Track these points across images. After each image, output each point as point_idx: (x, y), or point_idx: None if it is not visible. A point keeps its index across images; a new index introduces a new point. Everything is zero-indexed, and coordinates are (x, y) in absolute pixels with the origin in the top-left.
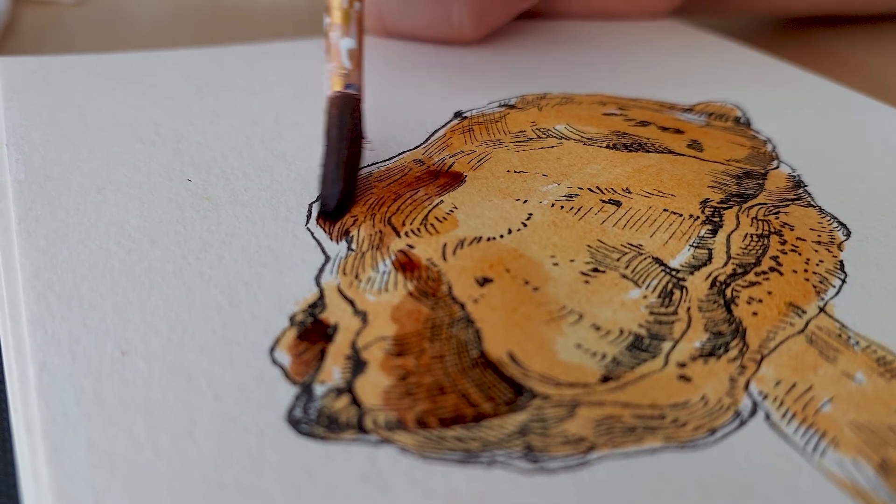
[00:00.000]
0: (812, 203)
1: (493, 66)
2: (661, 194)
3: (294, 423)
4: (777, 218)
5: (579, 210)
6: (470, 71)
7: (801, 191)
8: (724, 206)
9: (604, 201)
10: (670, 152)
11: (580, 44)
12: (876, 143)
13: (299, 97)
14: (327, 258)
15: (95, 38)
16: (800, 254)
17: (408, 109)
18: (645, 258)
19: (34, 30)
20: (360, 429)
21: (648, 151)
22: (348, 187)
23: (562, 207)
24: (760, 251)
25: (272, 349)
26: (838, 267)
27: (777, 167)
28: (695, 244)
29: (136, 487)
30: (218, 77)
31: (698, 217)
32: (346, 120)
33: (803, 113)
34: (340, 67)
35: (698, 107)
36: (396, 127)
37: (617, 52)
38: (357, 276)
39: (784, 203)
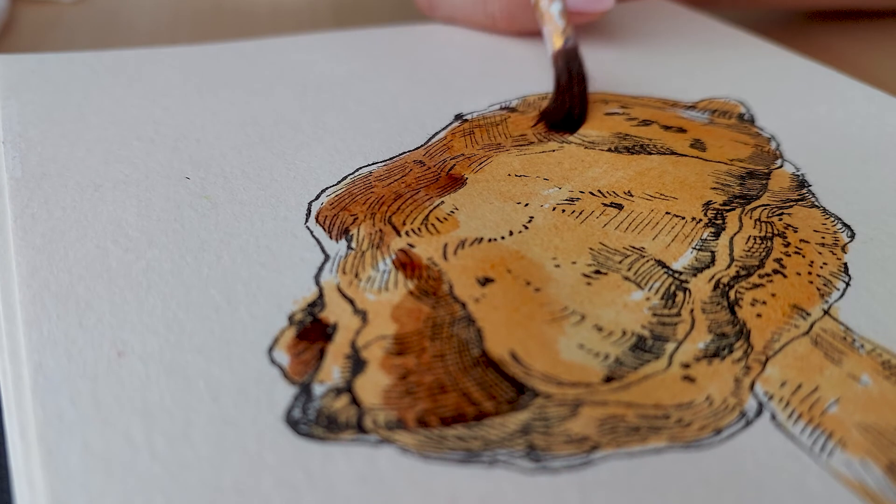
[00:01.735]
0: (816, 204)
1: (494, 63)
2: (663, 197)
3: (293, 423)
4: (780, 219)
5: (581, 213)
6: (472, 70)
7: (804, 191)
8: (727, 207)
9: (605, 205)
10: (673, 153)
11: (583, 33)
12: (882, 139)
13: (299, 95)
14: (327, 257)
15: (94, 38)
16: (803, 256)
17: (408, 110)
18: (647, 261)
19: (33, 29)
20: (360, 429)
21: (650, 153)
22: (581, 116)
23: (563, 211)
24: (764, 253)
25: (271, 349)
26: (842, 269)
27: (781, 166)
28: (697, 247)
29: (133, 491)
30: (217, 74)
31: (701, 220)
32: (573, 67)
33: (810, 106)
34: (556, 28)
35: (701, 104)
36: (396, 128)
37: (619, 42)
38: (357, 275)
39: (787, 204)
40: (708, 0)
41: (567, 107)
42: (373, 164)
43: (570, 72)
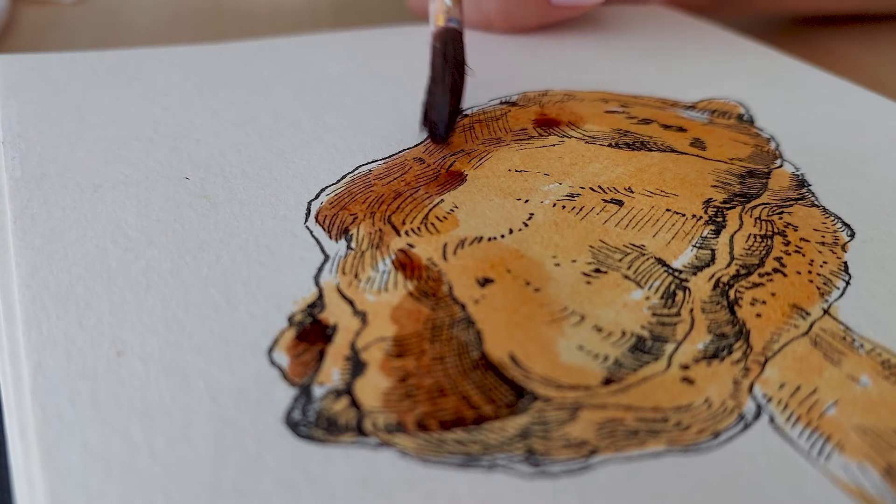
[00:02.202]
0: (816, 203)
1: (494, 60)
2: (663, 194)
3: (292, 425)
4: (780, 218)
5: (581, 210)
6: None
7: (804, 190)
8: (728, 206)
9: (606, 201)
10: (673, 151)
11: (582, 35)
12: (881, 140)
13: (298, 94)
14: (326, 257)
15: (94, 38)
16: (803, 255)
17: (407, 107)
18: (647, 259)
19: (33, 29)
20: (360, 431)
21: (651, 150)
22: (454, 111)
23: (563, 207)
24: (764, 252)
25: (270, 350)
26: (842, 268)
27: (780, 166)
28: (698, 244)
29: (132, 491)
30: (216, 74)
31: (701, 217)
32: (449, 51)
33: (808, 109)
34: (442, 4)
35: (701, 104)
36: (396, 125)
37: (620, 44)
38: (356, 276)
39: (787, 203)
40: (708, 7)
41: (436, 97)
42: (372, 162)
43: (445, 55)
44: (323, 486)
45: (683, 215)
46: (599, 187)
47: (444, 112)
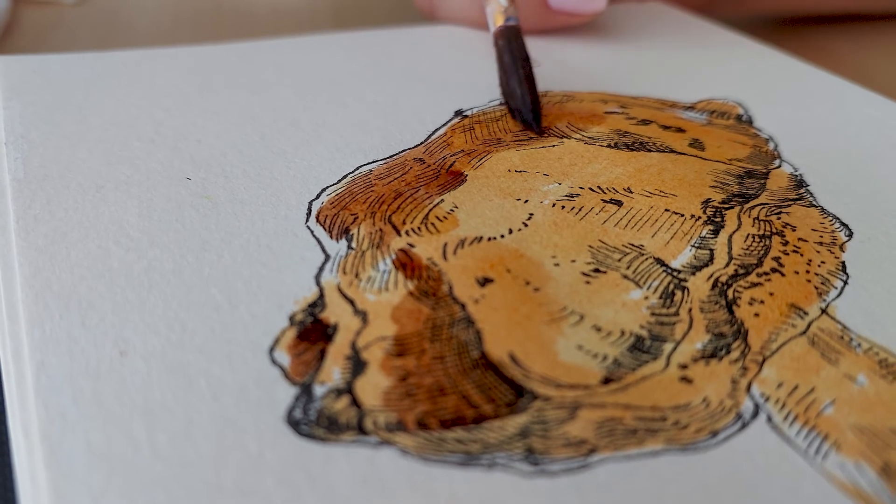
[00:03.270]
0: (814, 203)
1: (494, 62)
2: (662, 194)
3: (294, 424)
4: (779, 218)
5: (580, 210)
6: (471, 68)
7: (802, 190)
8: (726, 206)
9: (605, 201)
10: (672, 151)
11: (582, 33)
12: (879, 140)
13: (299, 94)
14: (327, 257)
15: (95, 39)
16: (801, 255)
17: (407, 107)
18: (646, 259)
19: (34, 30)
20: (360, 430)
21: (650, 151)
22: (535, 98)
23: (563, 207)
24: (762, 252)
25: (272, 349)
26: (840, 268)
27: (779, 166)
28: (696, 245)
29: (134, 489)
30: (217, 74)
31: (700, 217)
32: (514, 46)
33: (807, 108)
34: (499, 5)
35: (700, 105)
36: (396, 125)
37: (619, 43)
38: (357, 275)
39: (786, 203)
40: (706, 5)
41: (517, 90)
42: (373, 162)
43: (511, 52)
44: (324, 485)
45: (682, 215)
46: (599, 187)
47: (526, 101)
